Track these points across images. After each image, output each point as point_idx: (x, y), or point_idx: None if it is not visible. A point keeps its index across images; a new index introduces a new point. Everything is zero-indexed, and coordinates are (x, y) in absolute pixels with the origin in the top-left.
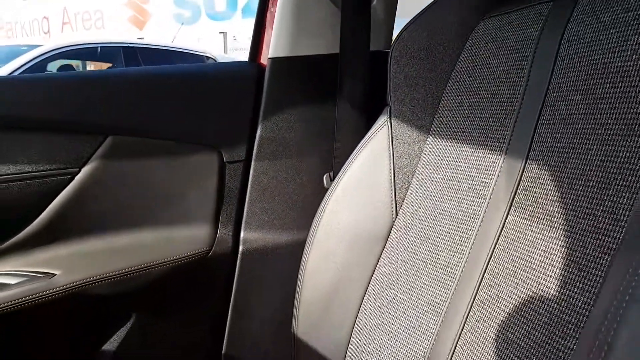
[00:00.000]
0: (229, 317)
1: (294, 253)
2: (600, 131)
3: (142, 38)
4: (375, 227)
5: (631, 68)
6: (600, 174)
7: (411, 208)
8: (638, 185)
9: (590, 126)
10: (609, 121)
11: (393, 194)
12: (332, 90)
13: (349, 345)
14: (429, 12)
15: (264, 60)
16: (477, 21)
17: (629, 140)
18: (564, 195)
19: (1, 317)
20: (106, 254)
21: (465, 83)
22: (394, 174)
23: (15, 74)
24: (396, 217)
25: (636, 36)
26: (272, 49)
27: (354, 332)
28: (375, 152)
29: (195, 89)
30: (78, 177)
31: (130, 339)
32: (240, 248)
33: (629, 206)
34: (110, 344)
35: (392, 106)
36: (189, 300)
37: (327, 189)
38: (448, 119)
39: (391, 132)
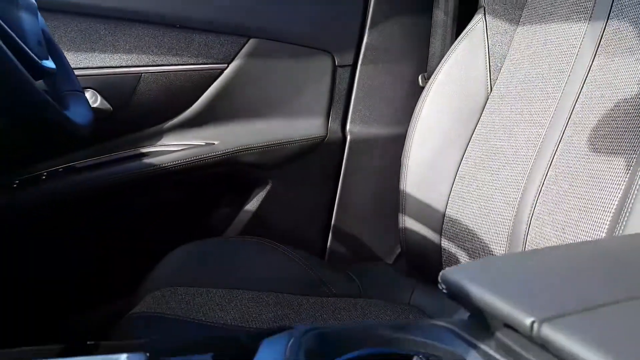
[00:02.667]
0: (338, 193)
1: (394, 145)
2: None
3: None
4: (473, 101)
5: None
6: None
7: (505, 80)
8: None
9: None
10: None
11: (488, 73)
12: (429, 4)
13: (451, 193)
14: None
15: None
16: None
17: None
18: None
19: (179, 172)
20: (250, 131)
21: None
22: (489, 57)
23: None
24: (491, 91)
25: None
26: None
27: (455, 181)
28: (473, 42)
29: (317, 3)
30: (226, 72)
31: (266, 201)
32: (348, 138)
33: None
34: (252, 205)
35: (487, 6)
36: (310, 177)
37: (422, 88)
38: (536, 9)
39: (486, 25)
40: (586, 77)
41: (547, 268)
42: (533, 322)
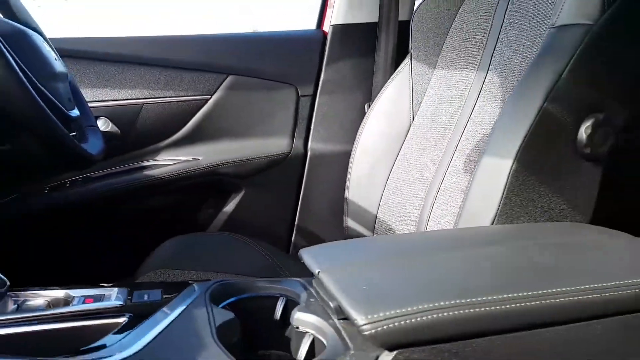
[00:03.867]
0: (300, 198)
1: (345, 159)
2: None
3: None
4: (400, 127)
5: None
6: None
7: (422, 113)
8: None
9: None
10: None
11: (411, 106)
12: (372, 48)
13: (381, 200)
14: None
15: (326, 27)
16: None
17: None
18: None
19: (172, 181)
20: (228, 149)
21: (456, 34)
22: (412, 93)
23: None
24: (413, 120)
25: None
26: (333, 18)
27: (384, 190)
28: (401, 80)
29: (284, 47)
30: (209, 102)
31: (241, 204)
32: (309, 154)
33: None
34: (229, 207)
35: (413, 52)
36: (278, 185)
37: (366, 113)
38: (446, 57)
39: (411, 67)
40: (470, 114)
41: (361, 247)
42: (318, 272)
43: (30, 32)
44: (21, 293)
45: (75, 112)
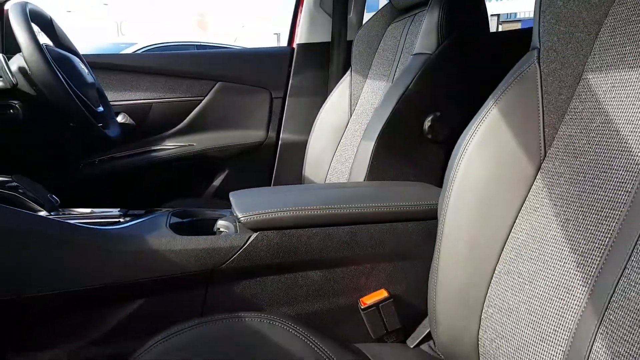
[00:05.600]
0: (273, 176)
1: (304, 147)
2: None
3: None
4: (340, 122)
5: None
6: None
7: (357, 111)
8: None
9: None
10: None
11: (350, 106)
12: (328, 62)
13: (327, 176)
14: None
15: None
16: None
17: None
18: None
19: (173, 160)
20: (215, 137)
21: (379, 54)
22: (350, 97)
23: None
24: (351, 116)
25: None
26: (297, 38)
27: (329, 169)
28: (343, 88)
29: (261, 60)
30: (202, 102)
31: (225, 180)
32: (280, 142)
33: None
34: (216, 182)
35: (352, 66)
36: (255, 166)
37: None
38: (373, 70)
39: (351, 78)
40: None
41: (274, 189)
42: (230, 196)
43: (72, 55)
44: (67, 209)
45: (101, 109)
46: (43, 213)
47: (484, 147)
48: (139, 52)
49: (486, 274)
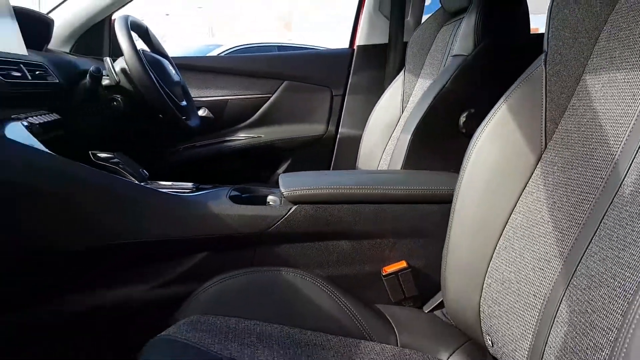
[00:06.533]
0: (331, 166)
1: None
2: None
3: (291, 39)
4: (392, 118)
5: None
6: None
7: (408, 108)
8: None
9: None
10: None
11: (402, 104)
12: (384, 62)
13: (377, 167)
14: None
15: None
16: None
17: None
18: None
19: (244, 149)
20: (281, 130)
21: (430, 55)
22: (403, 95)
23: None
24: (402, 113)
25: None
26: (357, 40)
27: (380, 161)
28: (396, 86)
29: (321, 61)
30: (271, 99)
31: (288, 169)
32: (338, 136)
33: None
34: (280, 170)
35: (406, 66)
36: (315, 156)
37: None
38: (425, 70)
39: (404, 77)
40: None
41: (320, 172)
42: (278, 176)
43: (162, 59)
44: (153, 181)
45: (184, 103)
46: (135, 182)
47: (493, 139)
48: (223, 53)
49: (489, 250)
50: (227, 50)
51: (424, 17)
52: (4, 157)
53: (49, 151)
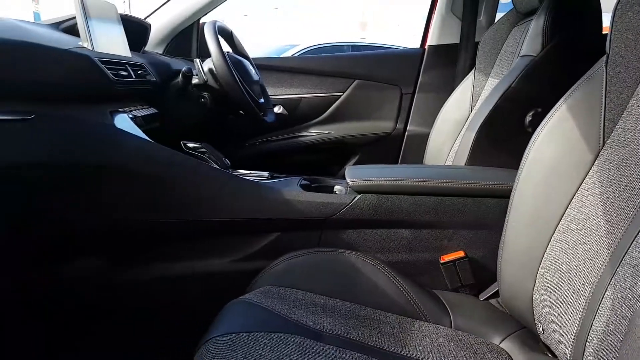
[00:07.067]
0: (399, 162)
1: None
2: None
3: (364, 38)
4: (461, 116)
5: None
6: None
7: (476, 106)
8: None
9: None
10: None
11: (471, 102)
12: (455, 62)
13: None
14: None
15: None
16: None
17: None
18: None
19: (315, 145)
20: (351, 127)
21: (501, 55)
22: (472, 94)
23: None
24: (471, 111)
25: None
26: (428, 40)
27: (447, 158)
28: (466, 85)
29: (392, 60)
30: (342, 97)
31: (357, 163)
32: (406, 134)
33: None
34: (349, 164)
35: (477, 65)
36: (383, 153)
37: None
38: (495, 70)
39: (474, 76)
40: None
41: (383, 165)
42: (345, 169)
43: (244, 60)
44: (234, 169)
45: (262, 100)
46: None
47: (552, 135)
48: (298, 53)
49: (543, 242)
50: (302, 50)
51: (498, 16)
52: (117, 142)
53: (149, 139)
